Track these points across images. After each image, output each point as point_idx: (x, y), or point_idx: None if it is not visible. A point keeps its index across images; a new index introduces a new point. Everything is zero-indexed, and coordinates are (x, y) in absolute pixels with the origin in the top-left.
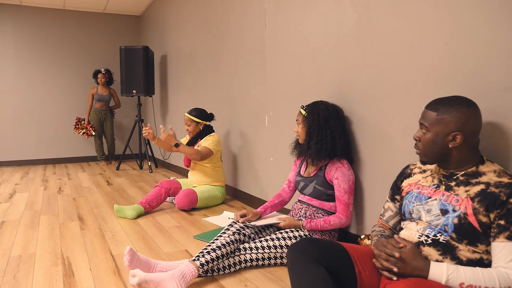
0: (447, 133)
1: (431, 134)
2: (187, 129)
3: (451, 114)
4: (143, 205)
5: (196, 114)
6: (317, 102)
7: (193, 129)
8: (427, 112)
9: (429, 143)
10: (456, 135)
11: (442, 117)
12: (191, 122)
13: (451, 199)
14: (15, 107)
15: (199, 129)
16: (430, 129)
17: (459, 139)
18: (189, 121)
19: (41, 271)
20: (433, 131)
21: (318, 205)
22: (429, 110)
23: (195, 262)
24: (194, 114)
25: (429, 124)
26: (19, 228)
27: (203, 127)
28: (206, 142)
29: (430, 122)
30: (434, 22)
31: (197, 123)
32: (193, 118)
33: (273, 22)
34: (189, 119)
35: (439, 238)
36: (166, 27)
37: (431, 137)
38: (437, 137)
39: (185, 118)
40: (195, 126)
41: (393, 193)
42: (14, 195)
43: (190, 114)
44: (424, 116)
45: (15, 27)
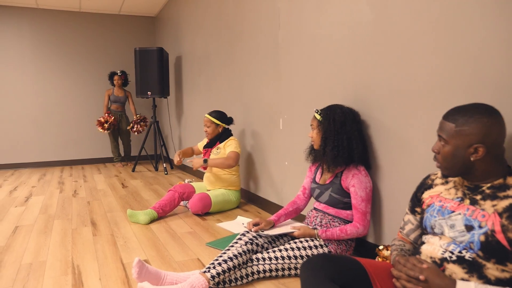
0: (468, 145)
1: (450, 147)
2: (206, 131)
3: (471, 125)
4: (156, 210)
5: (217, 116)
6: (332, 106)
7: (212, 131)
8: (445, 123)
9: (449, 156)
10: (478, 147)
11: (461, 128)
12: (210, 123)
13: (477, 214)
14: (33, 109)
15: (218, 131)
16: (449, 141)
17: (481, 152)
18: (208, 123)
19: (51, 281)
20: (452, 144)
21: (334, 214)
22: (446, 121)
23: (205, 274)
24: (214, 115)
25: (447, 137)
26: (32, 233)
27: (222, 130)
28: (230, 147)
29: (448, 134)
30: (457, 22)
31: (216, 125)
32: (213, 119)
33: (287, 22)
34: (209, 121)
35: (465, 255)
36: (181, 28)
37: (450, 150)
38: (457, 150)
39: (205, 119)
40: (215, 128)
41: (413, 205)
42: (30, 198)
43: (211, 116)
44: (441, 127)
45: (32, 29)
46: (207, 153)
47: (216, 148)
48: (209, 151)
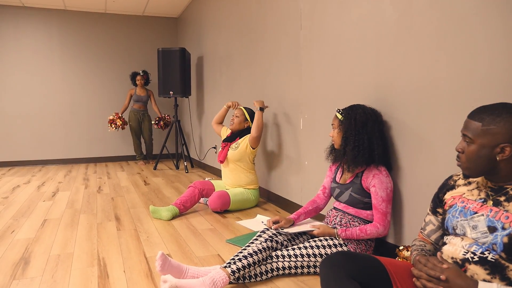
0: (495, 145)
1: (476, 146)
2: (233, 120)
3: (499, 125)
4: (178, 206)
5: (249, 112)
6: (354, 106)
7: (239, 122)
8: (471, 122)
9: (474, 155)
10: (505, 147)
11: (489, 127)
12: (241, 115)
13: (500, 215)
14: (60, 108)
15: (243, 126)
16: (475, 140)
17: (508, 151)
18: (239, 113)
19: (78, 272)
20: (478, 143)
21: (354, 213)
22: (472, 120)
23: (226, 269)
24: (248, 111)
25: (473, 136)
26: (59, 227)
27: (246, 127)
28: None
29: (474, 133)
30: (481, 22)
31: (245, 119)
32: (245, 113)
33: (309, 23)
34: (241, 112)
35: (487, 256)
36: (203, 28)
37: (476, 149)
38: (483, 149)
39: (238, 110)
40: (242, 121)
41: (435, 205)
42: (57, 193)
43: (245, 109)
44: (467, 126)
45: (60, 30)
46: (226, 146)
47: (235, 143)
48: (228, 146)
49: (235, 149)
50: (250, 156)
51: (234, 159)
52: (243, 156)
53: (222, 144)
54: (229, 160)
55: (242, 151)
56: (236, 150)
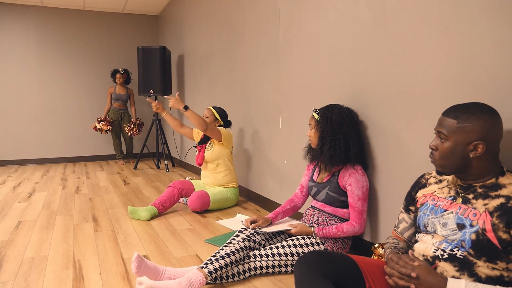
0: (468, 142)
1: (450, 143)
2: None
3: (473, 122)
4: (157, 207)
5: (219, 111)
6: (331, 106)
7: (210, 123)
8: (446, 119)
9: (448, 152)
10: (477, 145)
11: (463, 125)
12: (210, 115)
13: (469, 213)
14: (37, 106)
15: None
16: (449, 137)
17: (480, 149)
18: (209, 114)
19: (52, 275)
20: (453, 140)
21: (331, 212)
22: (447, 117)
23: (203, 269)
24: (217, 110)
25: (448, 133)
26: (34, 228)
27: (218, 126)
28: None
29: (449, 130)
30: (454, 23)
31: (215, 119)
32: (215, 112)
33: (287, 22)
34: (210, 112)
35: (456, 253)
36: (183, 27)
37: (450, 146)
38: (456, 146)
39: (207, 110)
40: (212, 121)
41: (408, 203)
42: (33, 194)
43: (214, 109)
44: (442, 123)
45: (37, 27)
46: (202, 149)
47: (209, 143)
48: (204, 148)
49: (210, 150)
50: (227, 155)
51: (212, 159)
52: (220, 155)
53: (198, 147)
54: (207, 161)
55: (217, 150)
56: (211, 150)
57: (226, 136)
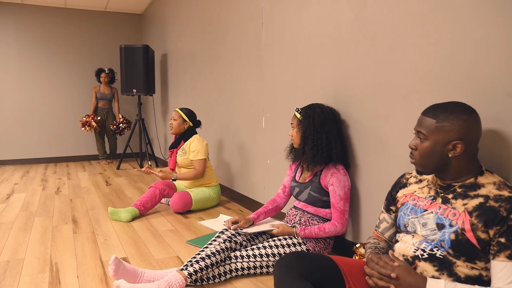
0: (447, 141)
1: (429, 143)
2: (171, 124)
3: (452, 122)
4: (138, 208)
5: (186, 112)
6: (313, 105)
7: (177, 125)
8: (425, 119)
9: (427, 152)
10: (456, 144)
11: (442, 124)
12: (178, 117)
13: (448, 212)
14: (17, 106)
15: (183, 128)
16: (429, 137)
17: (459, 148)
18: (176, 116)
19: (27, 279)
20: (432, 140)
21: (313, 212)
22: (426, 117)
23: (183, 271)
24: (184, 111)
25: (427, 132)
26: (11, 231)
27: (187, 127)
28: (194, 153)
29: (428, 130)
30: (433, 24)
31: (183, 120)
32: (182, 114)
33: (269, 22)
34: (177, 114)
35: (436, 253)
36: (166, 26)
37: (429, 145)
38: (436, 146)
39: (174, 112)
40: (180, 123)
41: (388, 203)
42: (12, 195)
43: (181, 111)
44: (421, 123)
45: (17, 25)
46: (172, 154)
47: (181, 149)
48: (175, 152)
49: (182, 156)
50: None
51: (185, 164)
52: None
53: (169, 151)
54: (181, 166)
55: (188, 156)
56: (183, 157)
57: (206, 154)
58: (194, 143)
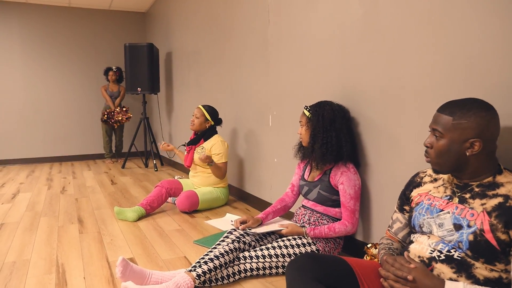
0: (465, 139)
1: (445, 141)
2: (193, 121)
3: (470, 119)
4: (144, 207)
5: (209, 110)
6: (322, 103)
7: (199, 123)
8: (441, 116)
9: (444, 150)
10: (474, 142)
11: (459, 122)
12: (201, 115)
13: (466, 213)
14: (22, 105)
15: (205, 127)
16: (445, 135)
17: (477, 146)
18: (199, 113)
19: (34, 280)
20: (448, 137)
21: (323, 211)
22: (443, 114)
23: (191, 273)
24: (207, 109)
25: (443, 130)
26: (17, 231)
27: (209, 126)
28: (218, 156)
29: (444, 127)
30: (447, 19)
31: (205, 119)
32: (205, 113)
33: (276, 19)
34: (200, 112)
35: (453, 254)
36: (171, 24)
37: (445, 144)
38: (452, 144)
39: (197, 110)
40: (203, 121)
41: (402, 203)
42: (17, 195)
43: (204, 108)
44: (437, 120)
45: (21, 24)
46: (190, 150)
47: (200, 148)
48: (193, 149)
49: (201, 154)
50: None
51: (202, 163)
52: None
53: (187, 147)
54: (197, 164)
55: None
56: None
57: (226, 158)
58: (217, 146)
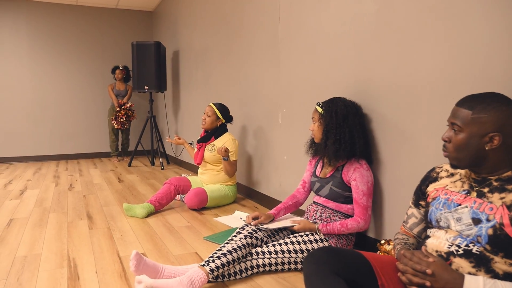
0: (484, 134)
1: (464, 135)
2: (204, 119)
3: (490, 113)
4: (153, 204)
5: (220, 108)
6: (334, 99)
7: (211, 121)
8: (460, 110)
9: (462, 144)
10: (494, 136)
11: (479, 116)
12: (212, 114)
13: (484, 207)
14: (28, 103)
15: (216, 125)
16: (464, 129)
17: (497, 141)
18: (210, 112)
19: (46, 274)
20: (468, 132)
21: (335, 208)
22: (462, 108)
23: (204, 267)
24: (218, 107)
25: (462, 124)
26: (27, 226)
27: (220, 124)
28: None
29: (464, 121)
30: (463, 13)
31: (217, 117)
32: (216, 111)
33: (287, 15)
34: (211, 110)
35: (472, 248)
36: (178, 22)
37: (464, 138)
38: (471, 138)
39: (208, 108)
40: (214, 119)
41: (417, 198)
42: (25, 191)
43: (215, 106)
44: (455, 114)
45: (29, 22)
46: (201, 147)
47: (211, 145)
48: (204, 147)
49: (211, 151)
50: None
51: (212, 161)
52: (221, 160)
53: (197, 145)
54: (208, 161)
55: (219, 156)
56: (213, 153)
57: (237, 153)
58: (228, 144)
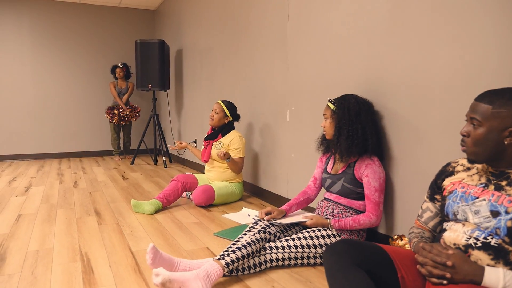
0: (504, 128)
1: (484, 129)
2: (212, 116)
3: (509, 108)
4: (161, 200)
5: (228, 106)
6: (347, 96)
7: (219, 118)
8: (479, 105)
9: (482, 139)
10: None
11: (499, 110)
12: (220, 111)
13: (503, 199)
14: (31, 101)
15: (224, 122)
16: (484, 123)
17: None
18: (219, 109)
19: (60, 268)
20: (487, 126)
21: (346, 204)
22: (481, 102)
23: (220, 261)
24: (227, 105)
25: (482, 118)
26: (36, 222)
27: (227, 122)
28: (237, 151)
29: (483, 116)
30: (474, 12)
31: (225, 115)
32: (225, 108)
33: (296, 13)
34: (220, 107)
35: (490, 241)
36: (182, 20)
37: (484, 132)
38: (491, 132)
39: (216, 105)
40: (222, 116)
41: (433, 192)
42: (30, 188)
43: (224, 103)
44: (474, 109)
45: (32, 20)
46: (209, 145)
47: (218, 142)
48: (211, 144)
49: (219, 149)
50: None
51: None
52: None
53: (204, 142)
54: (214, 158)
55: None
56: (220, 150)
57: (244, 151)
58: (236, 141)
